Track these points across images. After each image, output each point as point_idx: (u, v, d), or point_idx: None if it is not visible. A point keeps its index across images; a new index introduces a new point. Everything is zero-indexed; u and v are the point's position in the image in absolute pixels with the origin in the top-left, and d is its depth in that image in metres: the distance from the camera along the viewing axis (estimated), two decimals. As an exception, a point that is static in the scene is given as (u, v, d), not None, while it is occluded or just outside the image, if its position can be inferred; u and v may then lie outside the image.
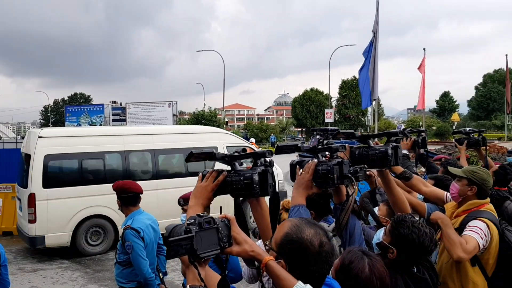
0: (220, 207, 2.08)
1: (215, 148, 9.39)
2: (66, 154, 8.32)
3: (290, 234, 1.56)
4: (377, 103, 21.36)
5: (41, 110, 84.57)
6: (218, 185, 1.81)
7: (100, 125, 34.77)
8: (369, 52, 16.71)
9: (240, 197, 1.82)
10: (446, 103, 68.83)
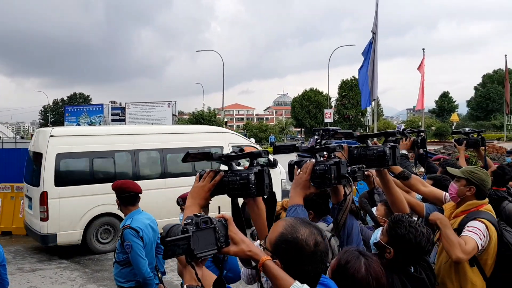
0: (219, 207, 2.08)
1: (221, 148, 9.59)
2: (78, 153, 8.36)
3: (285, 234, 1.55)
4: (377, 103, 21.36)
5: (41, 110, 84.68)
6: (215, 185, 1.81)
7: (100, 125, 34.76)
8: (368, 53, 16.72)
9: (237, 197, 1.82)
10: (446, 104, 68.95)
